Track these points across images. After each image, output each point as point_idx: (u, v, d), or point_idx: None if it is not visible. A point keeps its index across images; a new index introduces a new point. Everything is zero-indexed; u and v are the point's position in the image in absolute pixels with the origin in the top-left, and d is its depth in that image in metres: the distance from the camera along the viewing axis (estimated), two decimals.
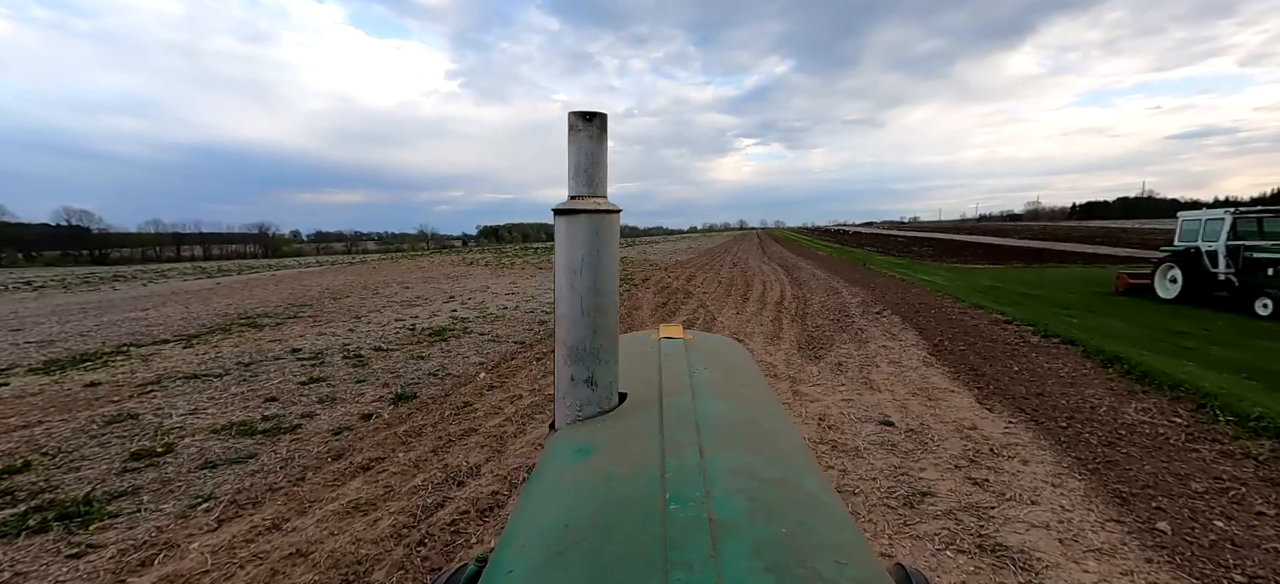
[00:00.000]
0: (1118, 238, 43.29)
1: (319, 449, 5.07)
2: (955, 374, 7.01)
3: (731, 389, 1.31)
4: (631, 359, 1.44)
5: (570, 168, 1.09)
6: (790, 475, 0.90)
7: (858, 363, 7.62)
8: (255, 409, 6.24)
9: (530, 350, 8.92)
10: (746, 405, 1.22)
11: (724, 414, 1.11)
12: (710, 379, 1.33)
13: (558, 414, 1.14)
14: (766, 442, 1.04)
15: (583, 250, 1.07)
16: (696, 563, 0.61)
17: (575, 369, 1.10)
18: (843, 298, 14.08)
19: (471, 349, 9.10)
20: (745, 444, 1.00)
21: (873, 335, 9.35)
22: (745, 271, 22.54)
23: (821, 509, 0.81)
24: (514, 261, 31.95)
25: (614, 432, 1.03)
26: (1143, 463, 4.33)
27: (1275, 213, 13.41)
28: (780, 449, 1.02)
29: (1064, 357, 7.66)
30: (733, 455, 0.92)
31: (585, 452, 0.98)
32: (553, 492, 0.89)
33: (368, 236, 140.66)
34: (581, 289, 1.07)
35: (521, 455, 4.77)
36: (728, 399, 1.22)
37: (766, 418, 1.17)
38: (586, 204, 1.07)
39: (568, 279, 1.08)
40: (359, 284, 20.93)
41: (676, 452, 0.89)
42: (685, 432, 0.97)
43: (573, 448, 1.01)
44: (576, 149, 1.08)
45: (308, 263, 44.26)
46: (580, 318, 1.08)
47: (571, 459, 0.97)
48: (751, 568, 0.62)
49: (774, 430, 1.11)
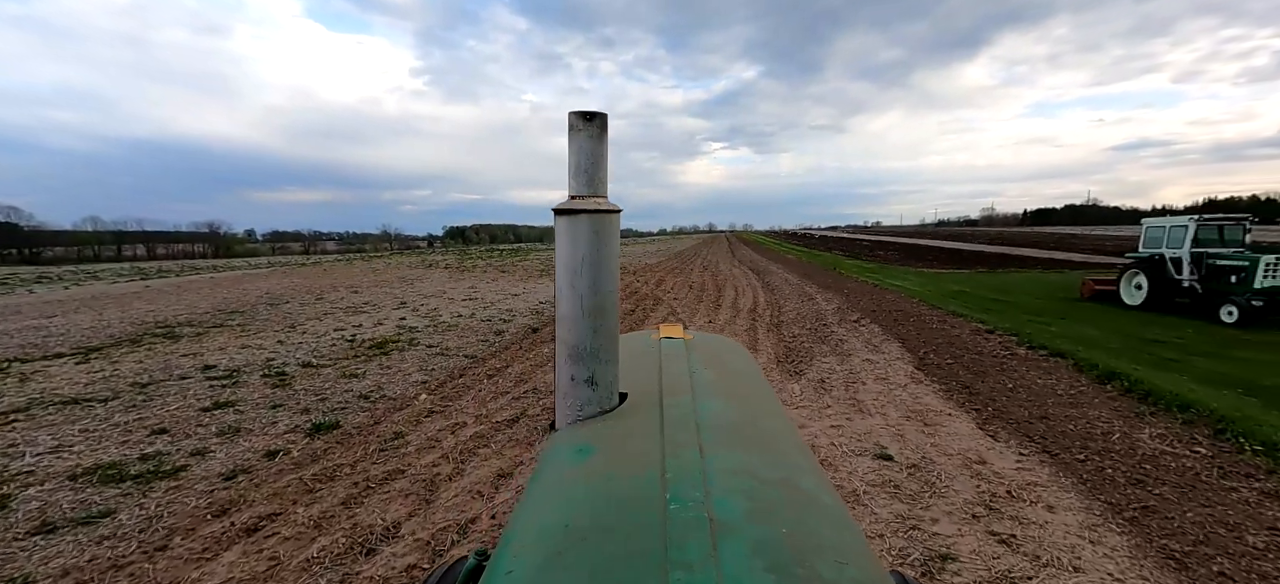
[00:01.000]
0: (1070, 244, 44.71)
1: (199, 502, 4.07)
2: (948, 392, 6.43)
3: (731, 389, 1.31)
4: (631, 359, 1.41)
5: (570, 168, 1.09)
6: (790, 475, 0.91)
7: (842, 379, 6.97)
8: (136, 445, 5.15)
9: (482, 366, 7.98)
10: (746, 405, 1.23)
11: (724, 414, 1.12)
12: (710, 379, 1.33)
13: (558, 414, 1.13)
14: (766, 442, 1.04)
15: (583, 250, 1.06)
16: (696, 563, 0.62)
17: (575, 369, 1.09)
18: (818, 305, 13.55)
19: (415, 365, 8.10)
20: (745, 444, 1.00)
21: (854, 347, 8.75)
22: (716, 276, 21.95)
23: (821, 509, 0.82)
24: (476, 264, 30.65)
25: (614, 432, 1.04)
26: (1182, 509, 3.75)
27: (1236, 220, 13.53)
28: (780, 449, 1.02)
29: (1057, 371, 7.19)
30: (733, 455, 0.93)
31: (585, 452, 0.98)
32: (553, 491, 0.89)
33: (328, 237, 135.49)
34: (581, 289, 1.07)
35: (455, 509, 3.89)
36: (728, 399, 1.22)
37: (766, 418, 1.18)
38: (587, 204, 1.07)
39: (568, 279, 1.07)
40: (304, 288, 19.43)
41: (676, 452, 0.90)
42: (685, 432, 0.98)
43: (573, 448, 1.01)
44: (577, 149, 1.08)
45: (258, 264, 41.75)
46: (580, 318, 1.08)
47: (572, 459, 0.98)
48: (751, 568, 0.62)
49: (774, 430, 1.11)
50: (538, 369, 7.66)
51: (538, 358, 8.35)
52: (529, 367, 7.82)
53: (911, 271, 23.78)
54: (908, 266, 26.82)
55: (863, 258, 33.52)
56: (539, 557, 0.70)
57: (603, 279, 1.08)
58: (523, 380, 7.12)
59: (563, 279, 1.08)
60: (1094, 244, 43.09)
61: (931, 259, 31.67)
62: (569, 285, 1.07)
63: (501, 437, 5.23)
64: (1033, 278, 20.69)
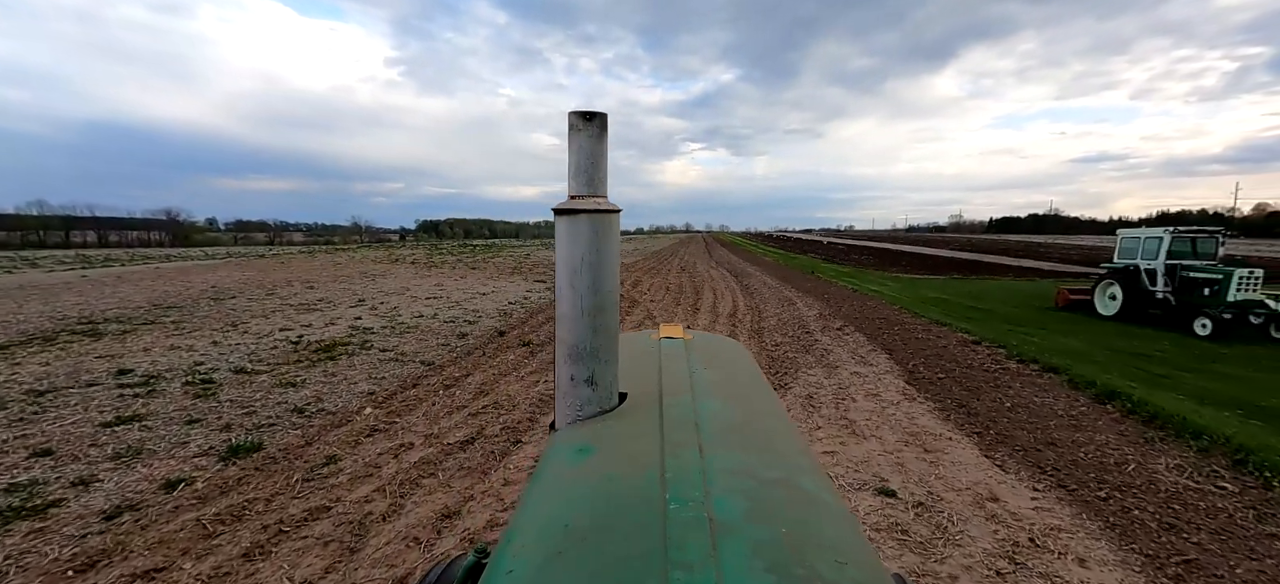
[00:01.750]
0: (1036, 252, 45.68)
1: (61, 553, 3.28)
2: (944, 411, 5.98)
3: (731, 389, 1.30)
4: (631, 359, 1.41)
5: (570, 167, 1.08)
6: (790, 475, 0.90)
7: (831, 395, 6.46)
8: (6, 472, 4.30)
9: (440, 374, 7.23)
10: (746, 405, 1.22)
11: (724, 414, 1.11)
12: (710, 379, 1.32)
13: (558, 414, 1.13)
14: (766, 441, 1.04)
15: (583, 250, 1.06)
16: (696, 563, 0.61)
17: (575, 369, 1.09)
18: (799, 310, 13.12)
19: (364, 373, 7.30)
20: (745, 444, 1.00)
21: (840, 358, 8.28)
22: (694, 278, 21.43)
23: (821, 509, 0.81)
24: (446, 260, 29.55)
25: (614, 432, 1.04)
26: (1230, 563, 3.30)
27: (1209, 233, 13.58)
28: (780, 449, 1.02)
29: (1052, 389, 6.81)
30: (732, 455, 0.92)
31: (585, 452, 0.98)
32: (553, 491, 0.89)
33: (295, 227, 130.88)
34: (581, 289, 1.07)
35: (384, 563, 3.20)
36: (728, 399, 1.21)
37: (766, 418, 1.17)
38: (587, 204, 1.06)
39: (568, 279, 1.07)
40: (256, 281, 18.21)
41: (676, 452, 0.90)
42: (685, 432, 0.98)
43: (573, 448, 1.01)
44: (577, 149, 1.07)
45: (216, 254, 39.62)
46: (580, 318, 1.07)
47: (572, 459, 0.97)
48: (751, 568, 0.62)
49: (774, 430, 1.11)
50: (502, 378, 6.96)
51: (502, 365, 7.64)
52: (491, 376, 7.11)
53: (888, 276, 23.70)
54: (883, 271, 26.81)
55: (838, 261, 33.52)
56: (539, 556, 0.70)
57: (603, 279, 1.08)
58: (483, 392, 6.42)
59: (562, 279, 1.08)
60: (1060, 253, 44.10)
61: (906, 264, 31.81)
62: (569, 285, 1.07)
63: (452, 462, 4.55)
64: (1005, 285, 20.77)
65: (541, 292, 16.05)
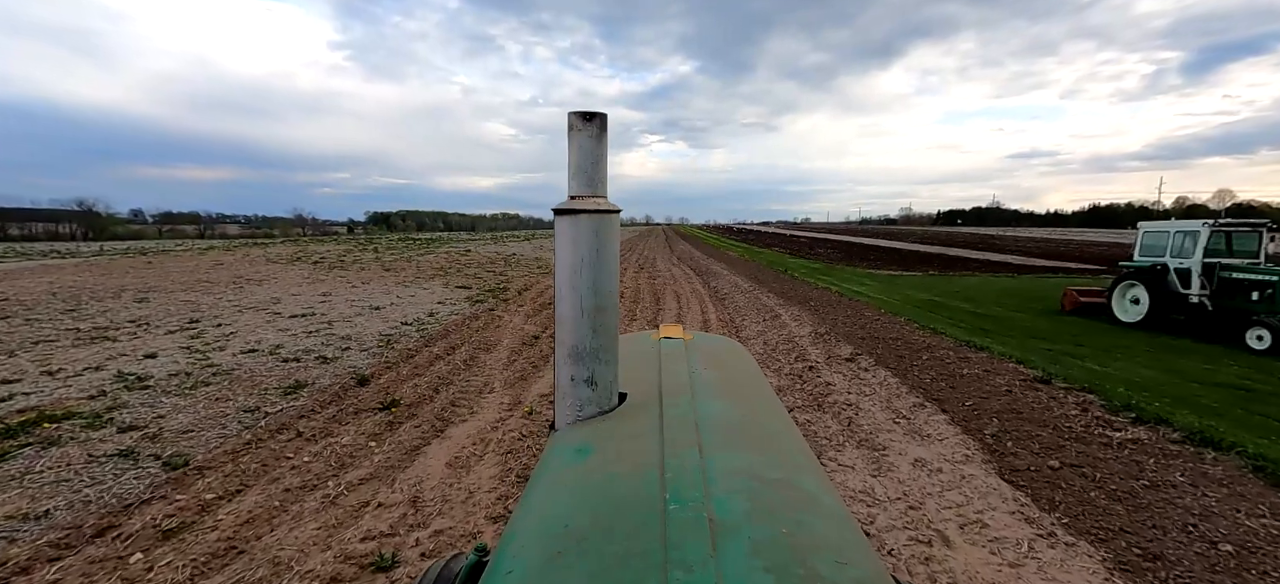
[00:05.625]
0: (993, 244, 45.10)
1: None
2: (1111, 560, 3.14)
3: (731, 389, 1.29)
4: (631, 359, 1.40)
5: (570, 168, 1.08)
6: (790, 475, 0.89)
7: (905, 535, 3.53)
8: None
9: (184, 491, 3.84)
10: (746, 405, 1.21)
11: (724, 414, 1.11)
12: (710, 379, 1.31)
13: (558, 414, 1.12)
14: (766, 442, 1.03)
15: (583, 250, 1.05)
16: (696, 563, 0.61)
17: (575, 369, 1.08)
18: (786, 326, 10.24)
19: (28, 497, 3.84)
20: (745, 444, 0.99)
21: (877, 422, 5.38)
22: (653, 279, 18.38)
23: (821, 509, 0.80)
24: (360, 258, 25.42)
25: (614, 432, 1.03)
26: None
27: (1253, 227, 11.52)
28: (780, 449, 1.01)
29: (1213, 484, 4.10)
30: (732, 456, 0.92)
31: (585, 452, 0.97)
32: (553, 492, 0.88)
33: (232, 219, 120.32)
34: (581, 289, 1.06)
35: None
36: (728, 399, 1.21)
37: (766, 418, 1.16)
38: (586, 204, 1.05)
39: (567, 279, 1.06)
40: (82, 288, 13.82)
41: (676, 452, 0.89)
42: (685, 432, 0.97)
43: (573, 448, 1.00)
44: (576, 149, 1.07)
45: (113, 249, 33.47)
46: (580, 318, 1.06)
47: (572, 459, 0.97)
48: (751, 568, 0.62)
49: (774, 430, 1.10)
50: (294, 505, 3.67)
51: (318, 465, 4.33)
52: (278, 498, 3.78)
53: (863, 274, 21.49)
54: (854, 267, 24.76)
55: (804, 256, 31.36)
56: (539, 556, 0.70)
57: (602, 279, 1.07)
58: (236, 549, 3.14)
59: (562, 279, 1.07)
60: (1019, 246, 43.60)
61: (874, 259, 29.97)
62: (569, 285, 1.06)
63: None
64: (987, 282, 18.87)
65: (460, 301, 12.60)
